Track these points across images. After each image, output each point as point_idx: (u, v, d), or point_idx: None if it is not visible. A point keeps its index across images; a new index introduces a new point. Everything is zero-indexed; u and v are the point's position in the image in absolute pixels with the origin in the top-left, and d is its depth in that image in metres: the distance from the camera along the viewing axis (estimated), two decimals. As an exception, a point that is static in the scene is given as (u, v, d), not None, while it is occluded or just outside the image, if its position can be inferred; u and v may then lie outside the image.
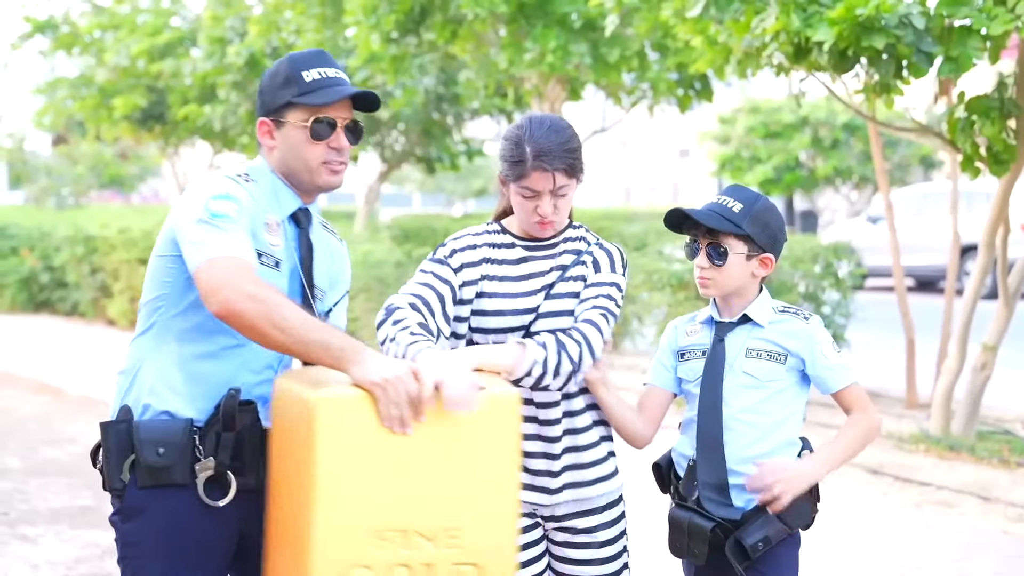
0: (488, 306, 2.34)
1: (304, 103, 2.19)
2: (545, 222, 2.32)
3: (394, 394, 1.94)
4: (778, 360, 2.39)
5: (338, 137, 2.22)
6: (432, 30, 9.53)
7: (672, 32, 7.38)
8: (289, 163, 2.23)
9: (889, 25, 4.69)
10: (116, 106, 14.50)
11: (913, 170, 22.82)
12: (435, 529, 1.99)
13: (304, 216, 2.27)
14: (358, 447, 1.96)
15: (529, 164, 2.26)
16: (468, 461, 2.00)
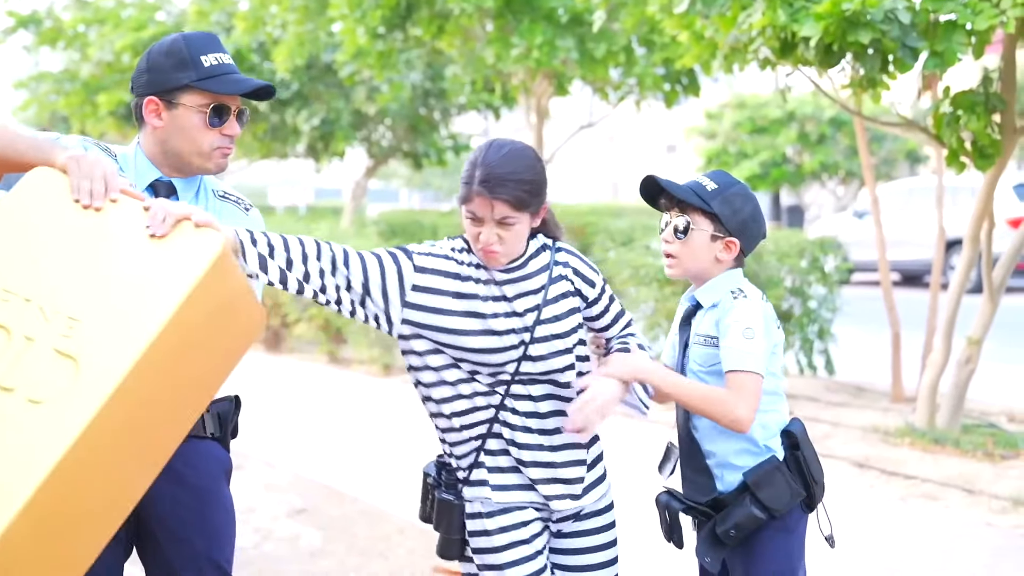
0: (470, 326, 2.26)
1: (204, 88, 2.23)
2: (488, 251, 2.23)
3: (87, 168, 2.01)
4: (712, 344, 2.33)
5: (231, 124, 2.27)
6: (418, 25, 9.51)
7: (659, 27, 7.39)
8: (175, 144, 2.26)
9: (875, 20, 4.70)
10: (101, 102, 14.42)
11: (899, 165, 22.91)
12: (58, 311, 1.93)
13: (164, 187, 2.29)
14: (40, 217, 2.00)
15: (474, 188, 2.19)
16: (136, 275, 1.96)
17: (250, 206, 2.42)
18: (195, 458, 2.27)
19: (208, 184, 2.36)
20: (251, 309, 2.12)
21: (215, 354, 2.07)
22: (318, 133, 14.14)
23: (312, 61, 13.02)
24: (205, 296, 1.96)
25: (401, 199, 44.38)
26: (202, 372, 2.06)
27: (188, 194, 2.31)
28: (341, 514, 4.96)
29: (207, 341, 2.02)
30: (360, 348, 9.03)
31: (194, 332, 1.97)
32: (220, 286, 1.99)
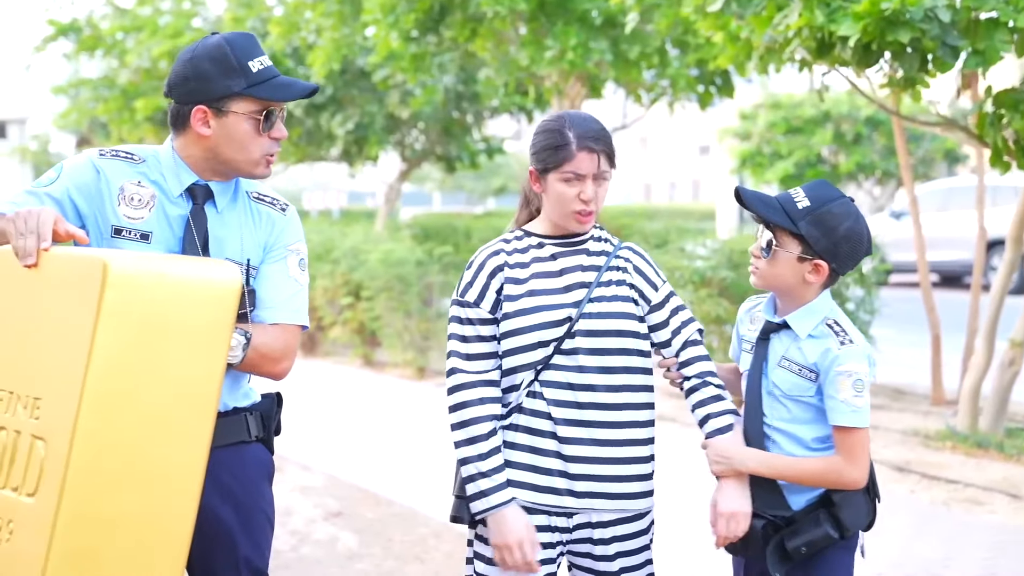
0: (526, 304, 2.31)
1: (256, 95, 2.18)
2: (587, 211, 2.29)
3: (21, 224, 1.97)
4: (808, 377, 2.24)
5: (279, 128, 2.24)
6: (452, 28, 9.52)
7: (692, 28, 7.34)
8: (226, 152, 2.21)
9: (914, 19, 4.64)
10: (138, 107, 14.57)
11: (937, 165, 22.66)
12: (28, 395, 1.93)
13: (201, 192, 2.24)
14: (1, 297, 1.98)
15: (575, 145, 2.26)
16: (54, 329, 1.92)
17: (286, 206, 2.37)
18: (238, 465, 2.25)
19: (243, 186, 2.32)
20: (201, 291, 1.98)
21: (184, 359, 1.96)
22: (352, 137, 14.20)
23: (346, 66, 13.09)
24: (117, 322, 1.87)
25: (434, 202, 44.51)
26: (179, 382, 1.95)
27: (225, 197, 2.28)
28: (377, 517, 4.96)
29: (159, 354, 1.92)
30: (394, 351, 9.05)
31: (133, 355, 1.89)
32: (129, 304, 1.88)
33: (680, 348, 2.36)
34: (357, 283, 9.37)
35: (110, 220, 2.19)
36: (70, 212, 2.18)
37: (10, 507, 1.90)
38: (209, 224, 2.24)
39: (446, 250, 9.81)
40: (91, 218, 2.20)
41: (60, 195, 2.18)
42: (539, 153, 2.31)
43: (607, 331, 2.29)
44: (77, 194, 2.19)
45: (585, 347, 2.28)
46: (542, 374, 2.29)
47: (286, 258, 2.29)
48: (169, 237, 2.21)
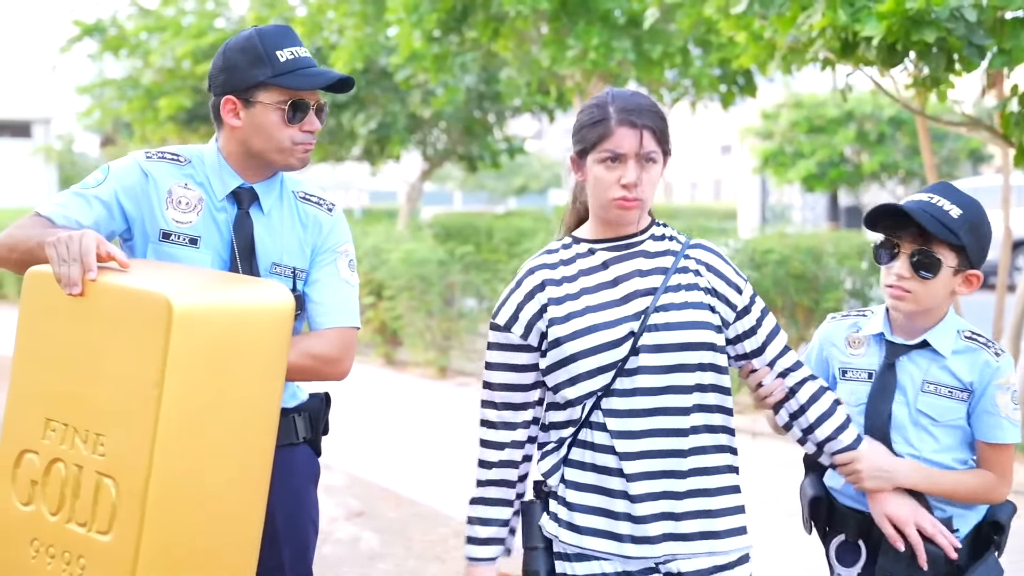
0: (578, 326, 1.99)
1: (280, 84, 2.15)
2: (630, 198, 1.97)
3: (63, 251, 1.90)
4: (959, 398, 2.05)
5: (311, 120, 2.19)
6: (474, 28, 9.53)
7: (715, 28, 7.31)
8: (255, 143, 2.18)
9: (940, 18, 4.61)
10: (161, 107, 14.65)
11: (961, 165, 22.50)
12: (88, 430, 1.88)
13: (247, 195, 2.21)
14: (48, 323, 1.94)
15: (614, 120, 1.97)
16: (114, 366, 1.87)
17: (332, 206, 2.31)
18: (284, 469, 2.20)
19: (289, 186, 2.28)
20: (259, 317, 1.96)
21: (245, 383, 1.94)
22: (374, 137, 14.24)
23: (368, 65, 13.12)
24: (184, 360, 1.84)
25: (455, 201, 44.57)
26: (242, 406, 1.94)
27: (270, 198, 2.24)
28: (398, 517, 4.97)
29: (223, 382, 1.90)
30: (416, 351, 9.07)
31: (199, 388, 1.87)
32: (196, 339, 1.85)
33: (777, 356, 2.06)
34: (379, 282, 9.40)
35: (159, 224, 2.16)
36: (117, 215, 2.16)
37: (79, 543, 1.88)
38: (255, 229, 2.20)
39: (467, 249, 9.82)
40: (138, 221, 2.17)
41: (108, 197, 2.15)
42: (577, 132, 2.03)
43: (678, 344, 1.97)
44: (125, 197, 2.16)
45: (652, 365, 1.97)
46: (604, 401, 1.98)
47: (336, 260, 2.26)
48: (217, 242, 2.18)
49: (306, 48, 2.23)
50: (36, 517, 1.93)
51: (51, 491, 1.91)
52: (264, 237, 2.21)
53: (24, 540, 1.95)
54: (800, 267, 7.27)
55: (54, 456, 1.91)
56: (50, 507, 1.91)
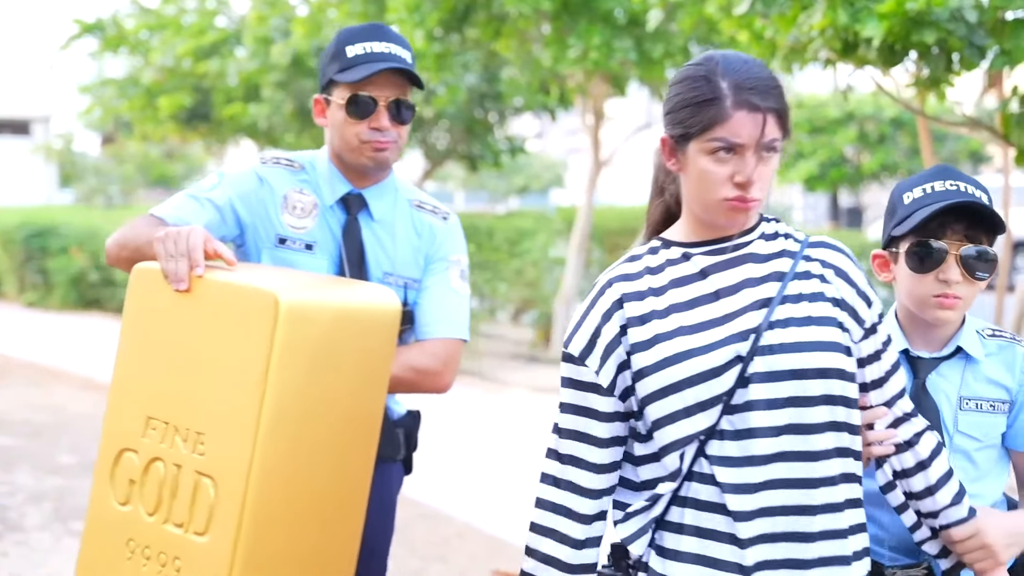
0: (669, 351, 1.58)
1: (343, 80, 2.11)
2: (747, 199, 1.57)
3: (171, 246, 1.86)
4: (1000, 410, 1.77)
5: (379, 116, 2.11)
6: (476, 27, 9.54)
7: (717, 27, 7.32)
8: (335, 143, 2.17)
9: (940, 19, 4.62)
10: (161, 106, 14.66)
11: (961, 165, 22.52)
12: (189, 429, 1.83)
13: (355, 201, 2.17)
14: (153, 319, 1.91)
15: (729, 101, 1.54)
16: (218, 362, 1.81)
17: (448, 215, 2.26)
18: (383, 482, 2.18)
19: (402, 193, 2.23)
20: (366, 318, 1.89)
21: (349, 388, 1.87)
22: (375, 136, 14.26)
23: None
24: (290, 358, 1.78)
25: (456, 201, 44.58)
26: (345, 411, 1.88)
27: (381, 205, 2.19)
28: (400, 516, 4.98)
29: (327, 384, 1.84)
30: (417, 350, 9.08)
31: (303, 388, 1.80)
32: (300, 337, 1.79)
33: (896, 396, 1.67)
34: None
35: (275, 229, 2.15)
36: (230, 220, 2.15)
37: (176, 544, 1.83)
38: (364, 236, 2.17)
39: (470, 249, 9.83)
40: (252, 228, 2.16)
41: (223, 202, 2.14)
42: (676, 112, 1.60)
43: (799, 371, 1.55)
44: (240, 203, 2.15)
45: (767, 398, 1.55)
46: (708, 446, 1.57)
47: (448, 270, 2.21)
48: (332, 248, 2.16)
49: (390, 45, 2.13)
50: (133, 517, 1.90)
51: (149, 491, 1.87)
52: (375, 245, 2.17)
53: (120, 540, 1.91)
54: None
55: (154, 455, 1.86)
56: (147, 507, 1.87)
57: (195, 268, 1.85)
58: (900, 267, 1.84)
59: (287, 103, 14.01)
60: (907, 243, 1.82)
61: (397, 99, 2.12)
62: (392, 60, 2.11)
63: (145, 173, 27.86)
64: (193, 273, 1.85)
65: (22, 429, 6.78)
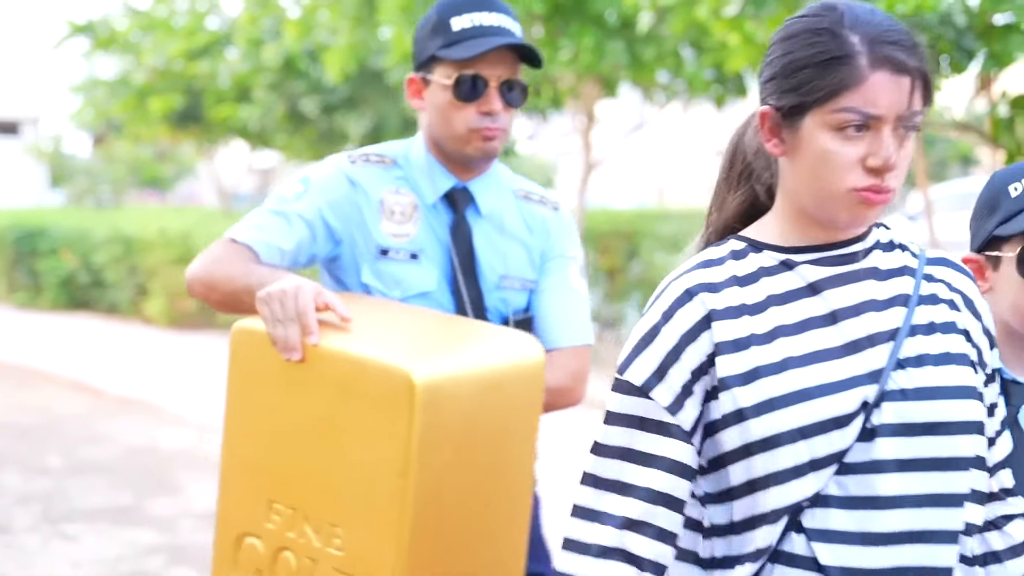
0: (775, 390, 1.19)
1: (448, 57, 1.80)
2: (882, 189, 1.18)
3: (278, 309, 1.57)
4: None
5: (490, 99, 1.81)
6: (466, 30, 9.54)
7: (708, 30, 7.33)
8: (434, 129, 1.86)
9: (930, 23, 4.64)
10: (153, 107, 14.63)
11: (951, 168, 22.61)
12: (321, 519, 1.58)
13: (462, 197, 1.87)
14: (263, 390, 1.63)
15: (864, 59, 1.17)
16: (347, 447, 1.55)
17: (558, 205, 1.95)
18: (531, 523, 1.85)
19: (505, 183, 1.93)
20: (512, 378, 1.62)
21: (498, 452, 1.62)
22: (368, 140, 14.25)
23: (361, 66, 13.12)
24: (432, 442, 1.51)
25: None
26: (496, 476, 1.63)
27: (488, 198, 1.90)
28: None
29: (474, 456, 1.59)
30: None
31: (449, 468, 1.55)
32: (444, 417, 1.53)
33: (1000, 464, 1.30)
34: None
35: (374, 239, 1.85)
36: (322, 235, 1.84)
37: None
38: (475, 237, 1.88)
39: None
40: (348, 241, 1.85)
41: (312, 215, 1.82)
42: (786, 76, 1.21)
43: (942, 424, 1.20)
44: (331, 213, 1.84)
45: (899, 458, 1.19)
46: (810, 517, 1.19)
47: (567, 267, 1.92)
48: (439, 254, 1.86)
49: (500, 16, 1.84)
50: None
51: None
52: (487, 246, 1.88)
53: None
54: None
55: (281, 544, 1.62)
56: None
57: (308, 335, 1.56)
58: (1003, 274, 1.50)
59: (278, 105, 14.00)
60: (1016, 245, 1.48)
61: (509, 79, 1.82)
62: (504, 35, 1.82)
63: (136, 174, 27.80)
64: (306, 340, 1.57)
65: (10, 430, 6.75)
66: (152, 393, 7.94)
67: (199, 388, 8.05)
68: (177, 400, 7.65)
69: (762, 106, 1.26)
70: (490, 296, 1.87)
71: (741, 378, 1.21)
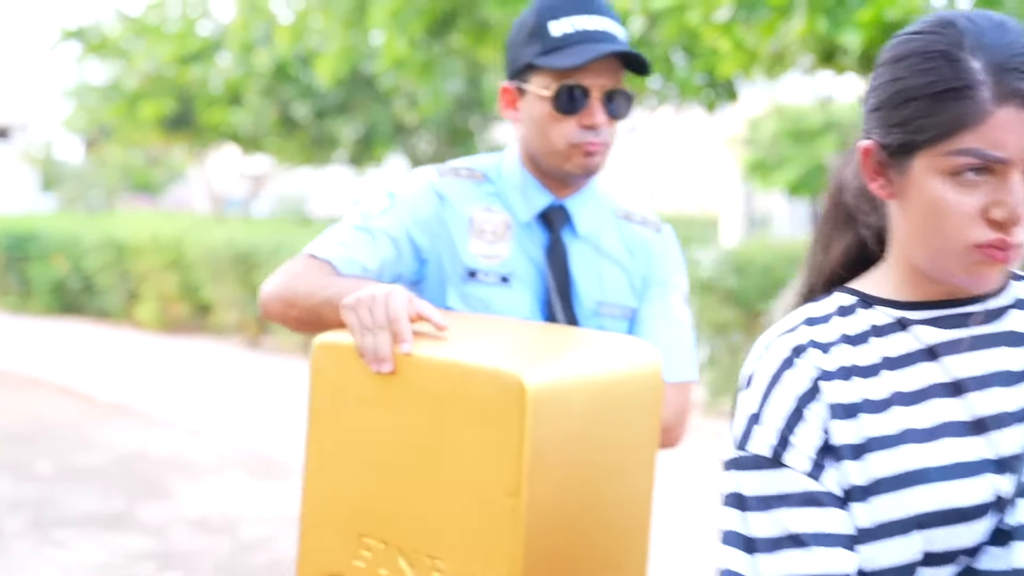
0: (887, 467, 1.02)
1: (547, 66, 1.64)
2: (1008, 245, 1.01)
3: (367, 316, 1.40)
4: None
5: (592, 111, 1.65)
6: (459, 32, 9.56)
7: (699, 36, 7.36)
8: (530, 144, 1.71)
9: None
10: (144, 112, 14.62)
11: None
12: (418, 551, 1.41)
13: (558, 216, 1.72)
14: (350, 410, 1.46)
15: (988, 92, 0.99)
16: (445, 466, 1.38)
17: (661, 227, 1.79)
18: None
19: (604, 202, 1.78)
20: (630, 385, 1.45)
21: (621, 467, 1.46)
22: (360, 146, 14.26)
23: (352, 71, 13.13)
24: (549, 453, 1.34)
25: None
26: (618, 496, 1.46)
27: (586, 217, 1.74)
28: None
29: (590, 473, 1.42)
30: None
31: (568, 487, 1.38)
32: (559, 426, 1.36)
33: None
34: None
35: (462, 260, 1.69)
36: (408, 254, 1.69)
37: None
38: (571, 259, 1.72)
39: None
40: (434, 260, 1.70)
41: (398, 232, 1.67)
42: (893, 108, 1.05)
43: None
44: (418, 230, 1.69)
45: None
46: None
47: (669, 295, 1.76)
48: (532, 277, 1.71)
49: (604, 20, 1.70)
50: None
51: None
52: (584, 269, 1.73)
53: None
54: (783, 274, 7.32)
55: None
56: None
57: (401, 344, 1.39)
58: None
59: (270, 110, 14.00)
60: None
61: (612, 89, 1.67)
62: (609, 40, 1.67)
63: (127, 179, 27.75)
64: (398, 350, 1.40)
65: (0, 436, 6.74)
66: (143, 398, 7.92)
67: (190, 393, 8.04)
68: (168, 405, 7.64)
69: (865, 140, 1.08)
70: (587, 324, 1.72)
71: (852, 450, 1.02)
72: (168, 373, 9.04)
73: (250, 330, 10.59)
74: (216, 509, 5.16)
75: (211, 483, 5.63)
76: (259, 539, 4.70)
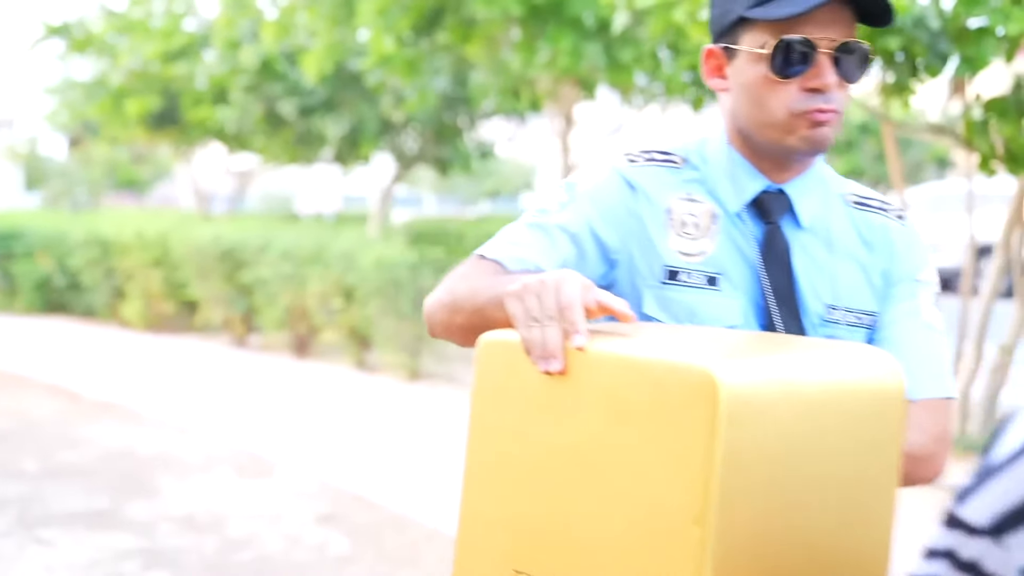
0: None
1: (762, 17, 1.35)
2: None
3: (534, 305, 1.17)
4: None
5: (819, 70, 1.36)
6: (446, 30, 9.55)
7: (685, 33, 7.37)
8: (744, 115, 1.42)
9: (904, 26, 4.68)
10: (129, 109, 14.56)
11: (927, 170, 22.81)
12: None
13: (775, 203, 1.44)
14: (515, 417, 1.22)
15: None
16: (635, 483, 1.13)
17: (902, 212, 1.51)
18: None
19: (832, 185, 1.49)
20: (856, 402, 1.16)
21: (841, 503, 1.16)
22: (346, 143, 14.23)
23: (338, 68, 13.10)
24: (744, 472, 1.08)
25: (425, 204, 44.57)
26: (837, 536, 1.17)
27: (810, 204, 1.45)
28: (368, 521, 4.97)
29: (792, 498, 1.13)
30: (386, 353, 9.06)
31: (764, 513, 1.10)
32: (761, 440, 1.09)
33: None
34: (349, 286, 9.39)
35: (660, 259, 1.43)
36: (592, 254, 1.43)
37: None
38: (794, 255, 1.44)
39: (436, 253, 9.82)
40: (625, 260, 1.44)
41: (579, 227, 1.43)
42: None
43: None
44: (604, 225, 1.43)
45: None
46: None
47: (917, 294, 1.46)
48: (745, 278, 1.43)
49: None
50: None
51: None
52: (810, 266, 1.44)
53: None
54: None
55: None
56: None
57: (573, 337, 1.15)
58: None
59: (256, 107, 13.96)
60: None
61: (844, 43, 1.36)
62: None
63: (112, 176, 27.63)
64: (571, 345, 1.16)
65: (-15, 435, 6.71)
66: (129, 396, 7.90)
67: (177, 391, 8.01)
68: (155, 403, 7.62)
69: None
70: (814, 333, 1.44)
71: None
72: (154, 371, 9.02)
73: (236, 328, 10.57)
74: (203, 507, 5.15)
75: (198, 481, 5.62)
76: (246, 537, 4.70)
